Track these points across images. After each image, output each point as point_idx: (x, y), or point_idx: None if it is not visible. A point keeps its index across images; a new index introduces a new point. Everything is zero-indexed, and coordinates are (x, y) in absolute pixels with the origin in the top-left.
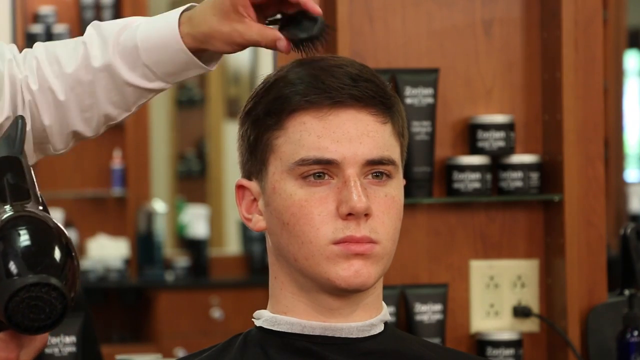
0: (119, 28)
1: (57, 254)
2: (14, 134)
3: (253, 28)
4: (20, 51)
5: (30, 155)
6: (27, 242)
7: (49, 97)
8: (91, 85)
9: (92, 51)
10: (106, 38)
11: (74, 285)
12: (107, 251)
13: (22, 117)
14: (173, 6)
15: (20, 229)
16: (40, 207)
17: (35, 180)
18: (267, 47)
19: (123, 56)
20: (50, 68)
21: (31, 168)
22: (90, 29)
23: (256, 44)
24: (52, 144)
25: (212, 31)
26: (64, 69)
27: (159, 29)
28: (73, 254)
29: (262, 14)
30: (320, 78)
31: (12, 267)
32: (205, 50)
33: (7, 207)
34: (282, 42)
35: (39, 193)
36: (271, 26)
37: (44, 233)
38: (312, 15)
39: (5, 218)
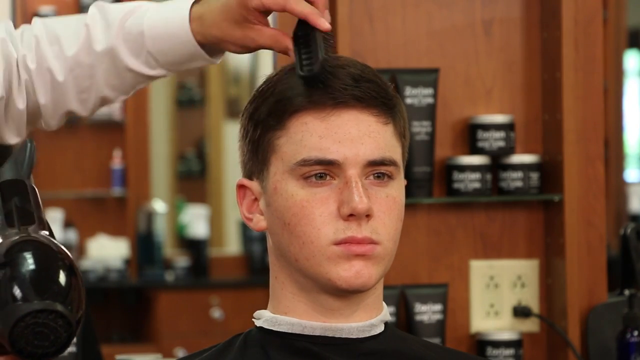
0: (125, 13)
1: (63, 278)
2: (22, 157)
3: (265, 34)
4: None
5: (22, 132)
6: (34, 267)
7: (47, 77)
8: (91, 68)
9: (94, 34)
10: (110, 22)
11: (80, 307)
12: (107, 251)
13: (31, 141)
14: None
15: (27, 254)
16: (46, 232)
17: (40, 202)
18: (280, 52)
19: (127, 42)
20: (50, 48)
21: (36, 190)
22: (93, 9)
23: (269, 49)
24: (45, 121)
25: (224, 35)
26: (64, 50)
27: (168, 20)
28: (77, 274)
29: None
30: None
31: (19, 292)
32: (212, 50)
33: (14, 231)
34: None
35: (44, 216)
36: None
37: (50, 258)
38: (318, 43)
39: (12, 242)
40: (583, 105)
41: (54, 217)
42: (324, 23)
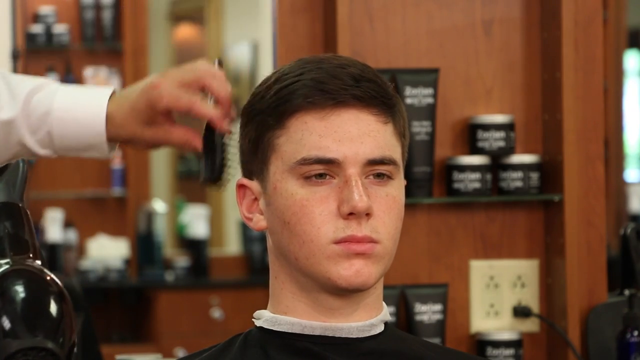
0: (32, 88)
1: (54, 310)
2: (14, 178)
3: (174, 133)
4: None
5: None
6: (25, 301)
7: None
8: None
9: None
10: (16, 94)
11: (71, 336)
12: (107, 251)
13: (23, 162)
14: (173, 7)
15: (18, 286)
16: (38, 262)
17: (33, 226)
18: (188, 149)
19: (28, 116)
20: None
21: (29, 214)
22: None
23: (179, 148)
24: None
25: (134, 136)
26: None
27: (83, 108)
28: (67, 301)
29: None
30: (323, 79)
31: (10, 327)
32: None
33: (5, 261)
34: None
35: (37, 243)
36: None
37: (42, 289)
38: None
39: (3, 272)
40: (583, 105)
41: (54, 217)
42: (225, 126)
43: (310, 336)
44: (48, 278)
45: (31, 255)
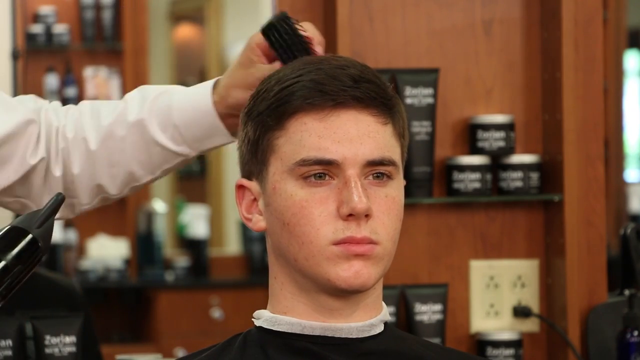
0: (160, 91)
1: None
2: (43, 209)
3: (262, 68)
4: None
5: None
6: None
7: (82, 146)
8: (123, 140)
9: (130, 107)
10: (145, 97)
11: None
12: (107, 251)
13: (60, 194)
14: (173, 7)
15: None
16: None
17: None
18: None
19: (157, 115)
20: (90, 120)
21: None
22: (135, 90)
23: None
24: (79, 197)
25: (230, 80)
26: (101, 121)
27: (194, 93)
28: None
29: None
30: (322, 80)
31: None
32: (232, 126)
33: None
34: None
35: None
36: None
37: None
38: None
39: None
40: (583, 105)
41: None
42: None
43: (310, 336)
44: None
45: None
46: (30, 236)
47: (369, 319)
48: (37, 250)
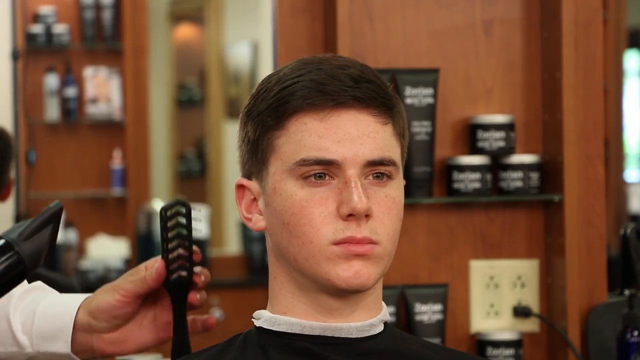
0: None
1: None
2: (29, 222)
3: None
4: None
5: None
6: None
7: None
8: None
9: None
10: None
11: None
12: (107, 251)
13: (58, 202)
14: (173, 7)
15: None
16: None
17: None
18: None
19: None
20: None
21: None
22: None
23: None
24: None
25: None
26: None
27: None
28: None
29: None
30: (322, 80)
31: None
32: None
33: None
34: None
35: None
36: None
37: None
38: None
39: None
40: (583, 105)
41: None
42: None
43: (310, 336)
44: None
45: None
46: (12, 251)
47: (369, 318)
48: (19, 266)
